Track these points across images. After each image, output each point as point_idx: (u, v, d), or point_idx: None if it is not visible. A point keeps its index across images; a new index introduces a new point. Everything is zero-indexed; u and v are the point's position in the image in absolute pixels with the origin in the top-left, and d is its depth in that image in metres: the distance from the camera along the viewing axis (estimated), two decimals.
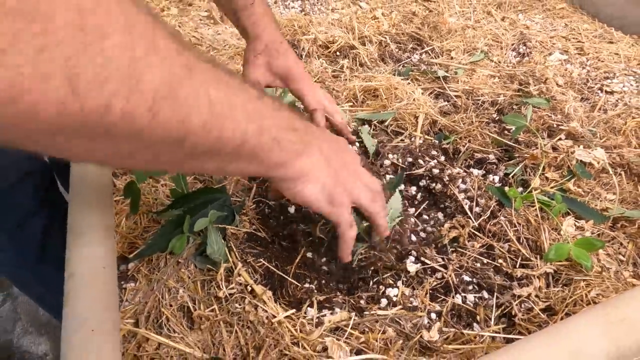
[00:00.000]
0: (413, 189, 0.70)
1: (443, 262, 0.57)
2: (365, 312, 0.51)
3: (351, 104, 0.85)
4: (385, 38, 1.06)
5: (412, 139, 0.78)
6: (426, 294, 0.54)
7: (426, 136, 0.79)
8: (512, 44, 1.11)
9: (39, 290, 0.83)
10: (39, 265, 0.79)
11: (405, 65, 0.99)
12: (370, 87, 0.85)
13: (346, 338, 0.48)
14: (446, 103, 0.86)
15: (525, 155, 0.72)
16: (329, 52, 1.01)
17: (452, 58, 1.02)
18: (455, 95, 0.88)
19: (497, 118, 0.83)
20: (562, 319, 0.51)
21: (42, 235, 0.78)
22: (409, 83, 0.90)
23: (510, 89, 0.89)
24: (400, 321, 0.49)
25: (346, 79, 0.91)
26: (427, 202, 0.68)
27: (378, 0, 1.29)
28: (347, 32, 1.06)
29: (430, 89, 0.89)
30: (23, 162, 0.75)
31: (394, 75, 0.93)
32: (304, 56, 0.99)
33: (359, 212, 0.51)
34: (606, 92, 0.93)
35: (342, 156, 0.48)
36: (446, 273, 0.56)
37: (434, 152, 0.76)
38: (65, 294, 0.42)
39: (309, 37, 1.02)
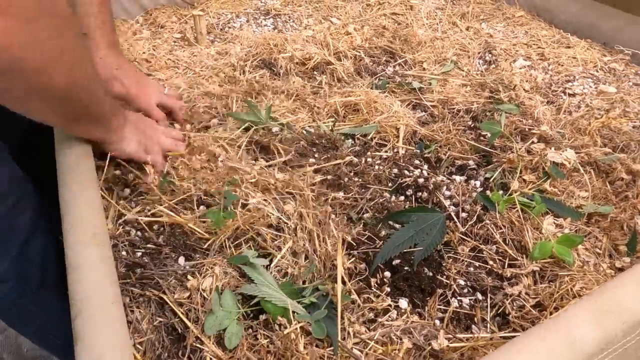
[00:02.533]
0: (401, 198, 0.73)
1: (441, 269, 0.60)
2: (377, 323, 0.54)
3: (333, 119, 0.87)
4: (360, 52, 1.09)
5: (395, 150, 0.82)
6: (434, 302, 0.56)
7: (408, 146, 0.82)
8: (479, 53, 1.17)
9: (39, 321, 0.80)
10: (39, 291, 0.76)
11: (381, 78, 1.03)
12: (350, 102, 0.88)
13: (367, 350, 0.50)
14: (424, 113, 0.90)
15: (503, 160, 0.77)
16: (307, 68, 1.03)
17: (424, 69, 1.06)
18: (432, 106, 0.92)
19: (472, 125, 0.88)
20: (551, 313, 0.55)
21: (42, 259, 0.76)
22: (386, 96, 0.94)
23: (482, 96, 0.94)
24: (413, 332, 0.51)
25: (326, 95, 0.94)
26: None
27: (349, 16, 1.33)
28: (322, 48, 1.09)
29: (408, 101, 0.93)
30: (20, 182, 0.73)
31: (372, 88, 0.96)
32: (282, 74, 1.01)
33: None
34: (569, 94, 0.99)
35: (147, 124, 0.72)
36: (447, 279, 0.59)
37: (417, 162, 0.79)
38: (74, 333, 0.42)
39: (285, 55, 1.05)
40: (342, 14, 1.34)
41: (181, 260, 0.60)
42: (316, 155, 0.77)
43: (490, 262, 0.61)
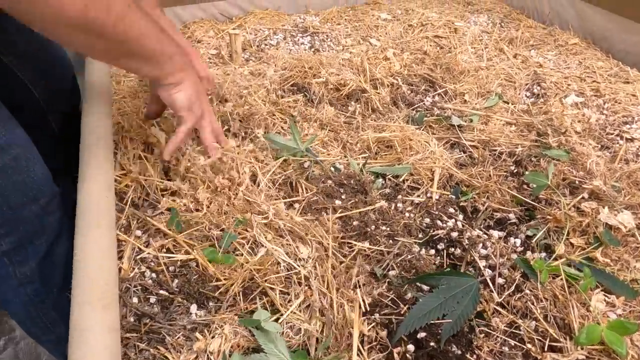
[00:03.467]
0: (432, 252, 0.67)
1: (471, 347, 0.54)
2: None
3: (365, 154, 0.82)
4: (397, 80, 1.03)
5: (429, 194, 0.75)
6: None
7: (443, 191, 0.76)
8: (526, 84, 1.08)
9: (59, 331, 0.79)
10: (60, 295, 0.76)
11: (419, 109, 0.96)
12: (384, 139, 0.82)
13: None
14: (462, 154, 0.84)
15: (548, 217, 0.69)
16: (341, 95, 0.98)
17: (465, 101, 0.99)
18: (472, 146, 0.85)
19: (515, 171, 0.80)
20: None
21: (65, 262, 0.74)
22: (423, 132, 0.87)
23: (527, 138, 0.86)
24: None
25: (359, 127, 0.88)
26: (446, 269, 0.65)
27: (389, 37, 1.27)
28: (358, 73, 1.04)
29: (446, 139, 0.87)
30: (51, 182, 0.73)
31: (408, 122, 0.90)
32: (315, 100, 0.96)
33: None
34: (626, 139, 0.90)
35: (204, 91, 0.71)
36: None
37: (451, 210, 0.73)
38: None
39: (320, 80, 1.00)
40: (381, 35, 1.28)
41: (193, 308, 0.56)
42: (343, 197, 0.72)
43: (528, 343, 0.54)
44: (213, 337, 0.51)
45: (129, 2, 0.55)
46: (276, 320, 0.54)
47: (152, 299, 0.57)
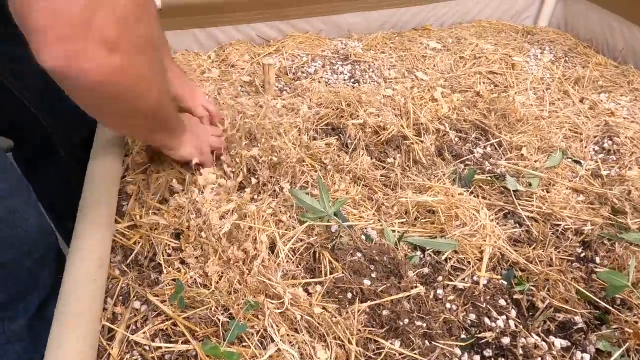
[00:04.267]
0: (476, 359, 0.55)
1: None
2: None
3: (403, 220, 0.71)
4: (445, 125, 0.91)
5: (475, 279, 0.63)
6: None
7: (493, 275, 0.64)
8: (595, 137, 0.93)
9: None
10: None
11: (468, 163, 0.84)
12: (426, 204, 0.71)
13: None
14: (518, 229, 0.70)
15: (627, 328, 0.55)
16: (379, 140, 0.87)
17: (523, 156, 0.86)
18: (530, 217, 0.72)
19: (583, 255, 0.66)
20: None
21: None
22: (472, 195, 0.75)
23: (599, 214, 0.72)
24: None
25: (397, 184, 0.77)
26: None
27: (437, 70, 1.14)
28: (401, 116, 0.92)
29: (499, 207, 0.74)
30: (49, 234, 0.69)
31: (455, 181, 0.78)
32: (350, 145, 0.86)
33: None
34: None
35: (197, 125, 0.76)
36: None
37: (502, 303, 0.60)
38: None
39: (357, 122, 0.89)
40: (429, 67, 1.16)
41: None
42: (373, 276, 0.61)
43: None
44: None
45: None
46: None
47: None
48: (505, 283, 0.63)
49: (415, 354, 0.53)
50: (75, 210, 0.65)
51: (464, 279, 0.63)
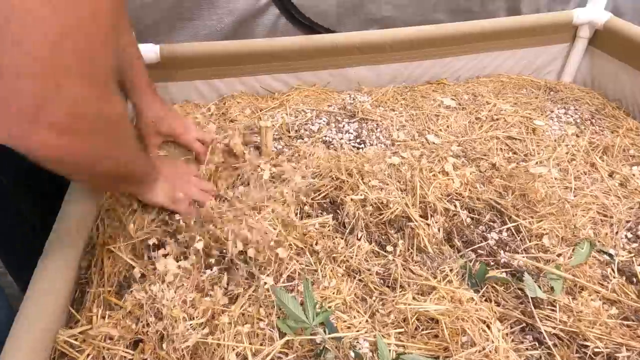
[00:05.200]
0: None
1: None
2: None
3: (401, 330, 0.60)
4: (455, 204, 0.81)
5: None
6: None
7: None
8: (628, 222, 0.81)
9: None
10: None
11: (479, 251, 0.73)
12: (427, 314, 0.60)
13: None
14: (537, 349, 0.59)
15: None
16: (381, 219, 0.77)
17: (544, 247, 0.74)
18: (551, 334, 0.60)
19: None
20: None
21: None
22: (482, 299, 0.64)
23: (636, 335, 0.60)
24: None
25: (397, 281, 0.66)
26: None
27: (450, 132, 1.05)
28: (406, 191, 0.83)
29: (513, 318, 0.62)
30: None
31: (463, 277, 0.67)
32: (348, 225, 0.76)
33: None
34: None
35: (179, 174, 0.78)
36: None
37: None
38: None
39: (357, 198, 0.80)
40: (442, 127, 1.06)
41: None
42: None
43: None
44: None
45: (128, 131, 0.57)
46: None
47: None
48: None
49: None
50: (25, 246, 0.65)
51: None
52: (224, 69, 1.13)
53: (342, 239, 0.74)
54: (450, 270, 0.68)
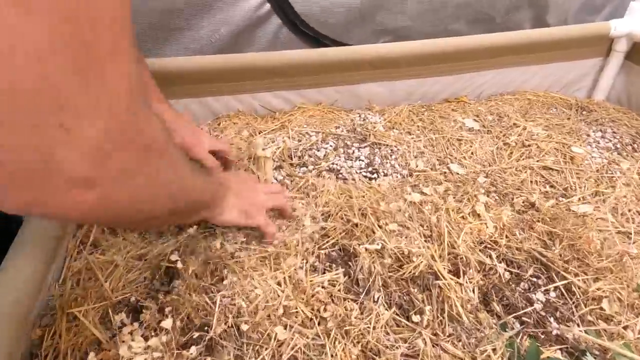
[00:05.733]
0: None
1: None
2: None
3: None
4: (491, 255, 0.67)
5: None
6: None
7: None
8: None
9: None
10: None
11: (525, 319, 0.59)
12: None
13: None
14: None
15: None
16: (401, 276, 0.63)
17: (602, 313, 0.60)
18: None
19: None
20: None
21: None
22: None
23: None
24: None
25: (422, 340, 0.52)
26: None
27: (475, 160, 0.91)
28: (431, 238, 0.69)
29: None
30: None
31: (510, 358, 0.53)
32: (362, 283, 0.62)
33: None
34: None
35: (245, 187, 0.67)
36: None
37: None
38: None
39: (372, 248, 0.66)
40: (466, 154, 0.92)
41: None
42: None
43: None
44: None
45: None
46: None
47: None
48: None
49: None
50: None
51: None
52: (218, 86, 0.99)
53: (355, 302, 0.59)
54: (494, 350, 0.53)
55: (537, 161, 0.89)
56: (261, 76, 0.98)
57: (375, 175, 0.87)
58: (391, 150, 0.94)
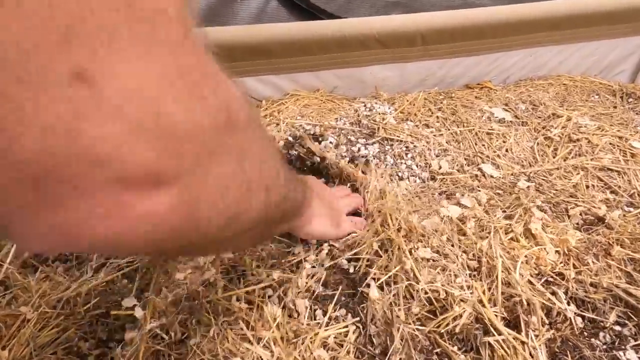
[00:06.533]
0: None
1: None
2: None
3: None
4: (558, 295, 0.48)
5: None
6: None
7: None
8: None
9: None
10: None
11: None
12: None
13: None
14: None
15: None
16: (437, 329, 0.44)
17: None
18: None
19: None
20: None
21: None
22: None
23: None
24: None
25: None
26: None
27: (511, 159, 0.72)
28: (475, 272, 0.49)
29: None
30: None
31: None
32: (378, 344, 0.43)
33: None
34: None
35: (320, 186, 0.57)
36: None
37: None
38: None
39: (397, 287, 0.46)
40: (499, 152, 0.73)
41: None
42: None
43: None
44: None
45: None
46: None
47: None
48: None
49: None
50: None
51: None
52: None
53: None
54: None
55: (592, 160, 0.70)
56: (244, 56, 0.78)
57: (389, 179, 0.68)
58: (406, 147, 0.74)
